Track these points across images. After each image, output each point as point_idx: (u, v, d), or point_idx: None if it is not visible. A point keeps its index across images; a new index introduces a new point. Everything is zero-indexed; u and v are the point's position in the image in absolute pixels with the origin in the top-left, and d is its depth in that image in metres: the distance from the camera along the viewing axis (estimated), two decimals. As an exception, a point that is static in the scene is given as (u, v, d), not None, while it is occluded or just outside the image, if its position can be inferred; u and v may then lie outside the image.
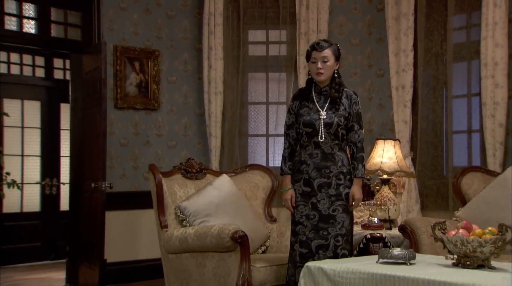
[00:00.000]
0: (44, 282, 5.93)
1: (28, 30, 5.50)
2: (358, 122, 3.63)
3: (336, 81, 3.64)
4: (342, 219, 3.56)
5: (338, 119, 3.58)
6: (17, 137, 7.10)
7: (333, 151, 3.60)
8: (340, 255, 3.54)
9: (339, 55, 3.68)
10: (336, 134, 3.59)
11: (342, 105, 3.61)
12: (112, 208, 5.33)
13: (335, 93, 3.60)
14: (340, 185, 3.58)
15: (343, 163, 3.60)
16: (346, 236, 3.57)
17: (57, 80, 7.47)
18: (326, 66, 3.60)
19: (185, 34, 6.11)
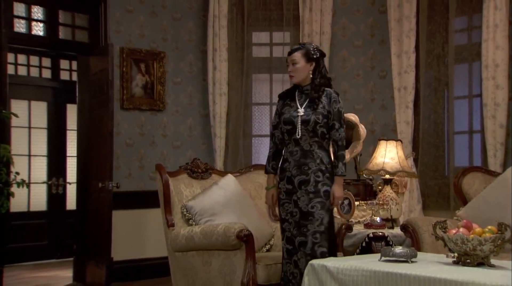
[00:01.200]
0: (51, 280, 6.02)
1: (37, 32, 5.59)
2: (339, 121, 3.62)
3: (316, 82, 3.66)
4: (320, 216, 3.54)
5: (316, 116, 3.59)
6: (24, 137, 7.20)
7: (312, 148, 3.60)
8: (318, 253, 3.52)
9: (311, 56, 3.66)
10: (315, 131, 3.59)
11: (321, 104, 3.61)
12: (119, 207, 5.41)
13: (314, 93, 3.63)
14: (319, 182, 3.57)
15: (322, 160, 3.59)
16: (324, 233, 3.55)
17: (64, 81, 7.56)
18: (295, 68, 3.66)
19: (190, 36, 6.20)
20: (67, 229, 7.25)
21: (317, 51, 3.71)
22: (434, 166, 5.67)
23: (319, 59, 3.70)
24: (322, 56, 3.74)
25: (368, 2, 6.14)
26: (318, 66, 3.69)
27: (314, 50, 3.71)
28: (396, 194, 4.95)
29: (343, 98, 6.11)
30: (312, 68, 3.68)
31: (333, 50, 6.11)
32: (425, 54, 5.67)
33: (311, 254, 3.52)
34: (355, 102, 6.14)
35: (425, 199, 5.61)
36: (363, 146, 5.35)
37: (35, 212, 7.28)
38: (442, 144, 5.65)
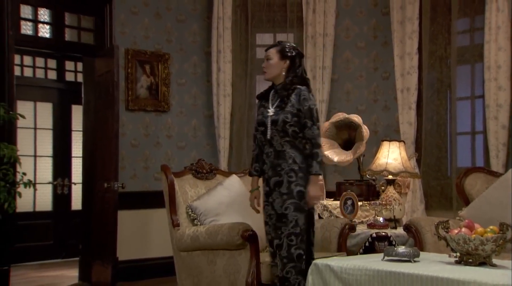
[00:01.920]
0: (57, 279, 6.06)
1: (43, 34, 5.65)
2: (310, 119, 3.52)
3: (287, 80, 3.61)
4: (294, 218, 3.47)
5: (284, 115, 3.52)
6: (30, 138, 7.25)
7: (284, 149, 3.54)
8: (295, 255, 3.46)
9: (285, 54, 3.62)
10: (285, 131, 3.52)
11: (290, 102, 3.53)
12: (124, 207, 5.45)
13: (283, 92, 3.58)
14: (292, 182, 3.50)
15: (294, 160, 3.51)
16: (300, 235, 3.47)
17: (69, 82, 7.61)
18: (269, 64, 3.64)
19: (194, 38, 6.25)
20: (72, 229, 7.31)
21: (292, 50, 3.66)
22: (437, 166, 5.71)
23: (294, 57, 3.64)
24: (298, 56, 3.66)
25: (371, 4, 6.18)
26: (293, 65, 3.63)
27: (290, 48, 3.66)
28: (399, 195, 4.98)
29: (346, 99, 6.20)
30: (286, 66, 3.63)
31: (336, 52, 6.15)
32: (428, 56, 5.70)
33: (288, 256, 3.47)
34: (358, 103, 6.18)
35: (427, 199, 5.65)
36: (366, 146, 5.38)
37: (40, 212, 7.32)
38: (444, 145, 5.69)
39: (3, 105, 4.69)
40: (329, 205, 5.33)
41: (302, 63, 3.69)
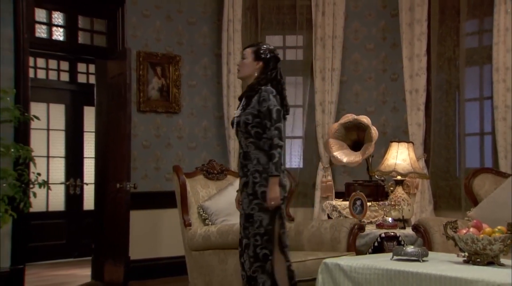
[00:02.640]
0: (70, 278, 6.14)
1: (57, 37, 5.74)
2: (269, 120, 3.49)
3: (255, 81, 3.63)
4: (259, 218, 3.50)
5: (245, 117, 3.54)
6: (43, 139, 7.35)
7: (249, 150, 3.56)
8: (260, 255, 3.49)
9: (260, 55, 3.64)
10: (248, 132, 3.55)
11: (252, 103, 3.56)
12: (135, 207, 5.52)
13: (249, 93, 3.62)
14: (256, 183, 3.52)
15: (258, 161, 3.53)
16: (266, 235, 3.50)
17: (81, 84, 7.71)
18: (243, 63, 3.69)
19: (204, 40, 6.32)
20: (84, 229, 7.40)
21: (268, 52, 3.66)
22: (445, 167, 5.74)
23: (268, 60, 3.64)
24: (273, 59, 3.66)
25: (380, 6, 6.23)
26: (266, 67, 3.63)
27: (265, 50, 3.66)
28: (408, 195, 5.01)
29: (355, 100, 6.25)
30: (259, 67, 3.64)
31: (345, 53, 6.21)
32: (437, 57, 5.74)
33: (254, 256, 3.51)
34: (367, 104, 6.23)
35: (436, 200, 5.68)
36: (375, 147, 5.41)
37: (53, 212, 7.42)
38: (453, 146, 5.72)
39: (19, 107, 4.79)
40: (338, 205, 5.38)
41: (278, 67, 3.67)
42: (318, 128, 6.16)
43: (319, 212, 6.05)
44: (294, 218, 4.82)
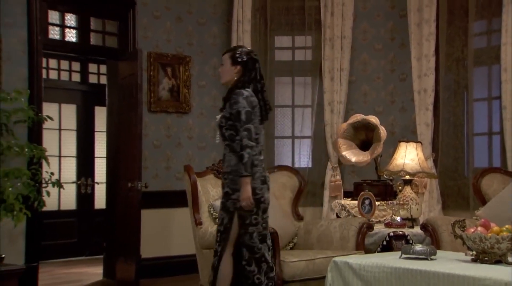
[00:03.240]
0: (82, 276, 6.21)
1: (70, 38, 5.82)
2: (239, 122, 3.54)
3: (233, 85, 3.71)
4: (221, 216, 3.66)
5: (220, 120, 3.65)
6: (55, 139, 7.43)
7: (225, 152, 3.70)
8: (218, 251, 3.65)
9: (236, 59, 3.70)
10: (223, 134, 3.66)
11: (226, 106, 3.66)
12: (146, 206, 5.59)
13: (226, 96, 3.70)
14: (225, 185, 3.66)
15: (229, 163, 3.63)
16: (224, 233, 3.63)
17: (92, 85, 7.79)
18: (222, 69, 3.78)
19: (214, 41, 6.38)
20: (95, 227, 7.48)
21: (244, 55, 3.71)
22: (454, 167, 5.77)
23: (245, 63, 3.69)
24: (251, 61, 3.71)
25: (388, 7, 6.26)
26: (245, 70, 3.68)
27: (241, 54, 3.71)
28: (416, 194, 5.03)
29: (364, 100, 6.29)
30: (238, 71, 3.69)
31: (354, 54, 6.25)
32: (445, 57, 5.77)
33: (215, 251, 3.69)
34: (376, 104, 6.27)
35: (444, 199, 5.71)
36: (383, 147, 5.45)
37: (65, 211, 7.51)
38: (461, 146, 5.75)
39: (33, 108, 4.87)
40: (347, 204, 5.42)
41: (256, 67, 3.72)
42: (327, 128, 6.21)
43: (327, 212, 6.09)
44: (303, 217, 4.87)
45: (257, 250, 3.62)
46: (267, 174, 3.70)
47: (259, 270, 3.61)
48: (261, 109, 3.68)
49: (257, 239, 3.62)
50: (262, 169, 3.64)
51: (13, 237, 4.92)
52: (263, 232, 3.65)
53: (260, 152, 3.67)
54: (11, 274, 3.60)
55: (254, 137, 3.54)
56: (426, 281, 2.95)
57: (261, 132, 3.69)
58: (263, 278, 3.60)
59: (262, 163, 3.66)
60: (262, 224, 3.64)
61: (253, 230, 3.61)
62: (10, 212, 4.53)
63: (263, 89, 3.73)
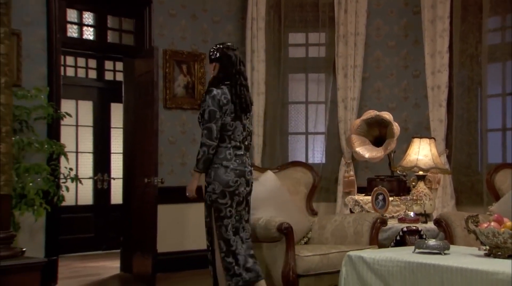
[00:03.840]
0: (100, 270, 6.31)
1: (87, 36, 5.92)
2: (202, 120, 3.79)
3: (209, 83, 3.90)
4: (204, 211, 3.86)
5: (197, 117, 3.89)
6: (72, 135, 7.54)
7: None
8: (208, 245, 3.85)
9: (210, 57, 3.86)
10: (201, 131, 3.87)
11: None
12: (162, 201, 5.66)
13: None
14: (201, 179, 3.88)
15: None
16: (207, 228, 3.85)
17: (108, 81, 7.89)
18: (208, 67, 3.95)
19: (229, 38, 6.42)
20: (111, 222, 7.59)
21: (216, 52, 3.83)
22: (467, 163, 5.80)
23: (219, 59, 3.81)
24: (223, 56, 3.82)
25: (402, 3, 6.28)
26: (222, 65, 3.82)
27: (214, 51, 3.85)
28: (430, 190, 5.06)
29: (377, 97, 6.33)
30: (216, 68, 3.84)
31: (368, 51, 6.28)
32: (459, 54, 5.79)
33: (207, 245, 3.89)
34: (389, 100, 6.30)
35: (458, 195, 5.74)
36: (396, 143, 5.47)
37: (82, 206, 7.63)
38: (475, 142, 5.77)
39: (52, 105, 4.98)
40: (360, 200, 5.46)
41: (233, 62, 3.81)
42: (340, 124, 6.25)
43: (341, 207, 6.14)
44: (317, 212, 4.92)
45: (232, 243, 3.77)
46: (247, 168, 3.84)
47: (237, 262, 3.76)
48: (235, 105, 3.76)
49: (231, 232, 3.77)
50: (238, 163, 3.78)
51: (33, 231, 5.04)
52: (236, 224, 3.79)
53: (239, 147, 3.81)
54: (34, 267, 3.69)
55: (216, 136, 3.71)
56: (439, 275, 2.97)
57: (238, 128, 3.79)
58: (242, 269, 3.75)
59: (239, 158, 3.79)
60: (235, 216, 3.79)
61: (228, 223, 3.77)
62: (31, 207, 4.64)
63: (241, 84, 3.81)
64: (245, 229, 3.85)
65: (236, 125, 3.78)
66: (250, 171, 3.86)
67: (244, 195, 3.81)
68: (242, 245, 3.78)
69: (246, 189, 3.82)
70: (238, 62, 3.84)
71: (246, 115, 3.85)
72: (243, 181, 3.78)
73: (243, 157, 3.82)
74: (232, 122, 3.76)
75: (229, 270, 3.75)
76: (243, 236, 3.82)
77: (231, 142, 3.77)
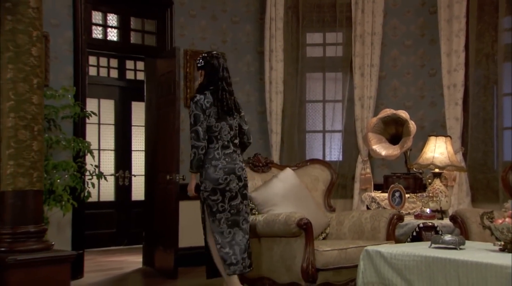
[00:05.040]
0: (123, 264, 6.48)
1: (111, 37, 6.08)
2: (190, 123, 4.08)
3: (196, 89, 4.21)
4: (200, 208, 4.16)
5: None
6: (95, 133, 7.73)
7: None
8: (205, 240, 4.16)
9: (197, 66, 4.19)
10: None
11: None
12: (184, 198, 5.78)
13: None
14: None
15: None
16: (203, 222, 4.17)
17: (129, 80, 8.06)
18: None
19: (248, 38, 6.57)
20: (132, 218, 7.76)
21: (201, 60, 4.14)
22: (483, 160, 5.85)
23: (204, 67, 4.13)
24: (207, 64, 4.12)
25: (419, 3, 6.36)
26: (207, 72, 4.13)
27: (199, 60, 4.16)
28: (446, 187, 5.11)
29: (394, 95, 6.42)
30: (202, 75, 4.17)
31: (384, 50, 6.37)
32: (475, 53, 5.84)
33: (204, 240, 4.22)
34: (405, 99, 6.38)
35: (474, 192, 5.79)
36: (413, 141, 5.53)
37: (104, 202, 7.80)
38: (490, 140, 5.82)
39: (79, 104, 5.15)
40: (377, 197, 5.54)
41: (216, 68, 4.11)
42: (357, 122, 6.35)
43: (358, 204, 6.24)
44: (335, 209, 5.02)
45: (227, 235, 4.07)
46: (237, 165, 4.11)
47: (234, 251, 4.05)
48: (218, 108, 4.05)
49: (225, 224, 4.08)
50: (227, 161, 4.07)
51: (61, 226, 5.22)
52: (231, 217, 4.09)
53: (227, 146, 4.10)
54: (65, 259, 3.86)
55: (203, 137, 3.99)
56: (455, 269, 3.05)
57: (223, 128, 4.09)
58: (239, 257, 4.05)
59: (228, 156, 4.09)
60: (230, 210, 4.09)
61: (221, 217, 4.07)
62: (59, 203, 4.82)
63: (223, 89, 4.12)
64: (248, 221, 4.17)
65: (222, 125, 4.09)
66: (241, 167, 4.14)
67: (237, 190, 4.11)
68: (245, 236, 4.11)
69: (238, 184, 4.12)
70: (222, 69, 4.15)
71: (233, 116, 4.16)
72: (233, 178, 4.08)
73: (233, 154, 4.12)
74: (218, 123, 4.07)
75: (226, 260, 4.06)
76: (245, 227, 4.14)
77: (218, 142, 4.08)
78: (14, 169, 3.75)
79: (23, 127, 3.77)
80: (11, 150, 3.76)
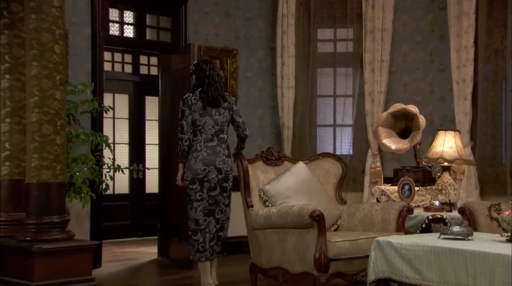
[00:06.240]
0: (138, 255, 6.64)
1: (127, 34, 6.21)
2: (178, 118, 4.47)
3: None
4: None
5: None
6: (110, 127, 7.86)
7: None
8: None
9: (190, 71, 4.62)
10: None
11: None
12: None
13: None
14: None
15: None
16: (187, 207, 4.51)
17: (143, 75, 8.18)
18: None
19: (260, 34, 6.69)
20: (146, 210, 7.91)
21: (193, 67, 4.58)
22: (492, 154, 5.92)
23: (194, 72, 4.54)
24: (197, 69, 4.53)
25: (428, 0, 6.43)
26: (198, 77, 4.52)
27: (191, 67, 4.61)
28: (454, 181, 5.17)
29: (404, 91, 6.52)
30: (195, 79, 4.55)
31: (394, 46, 6.45)
32: (484, 49, 5.90)
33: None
34: (415, 94, 6.47)
35: (482, 185, 5.86)
36: (422, 135, 5.58)
37: (119, 194, 7.94)
38: (499, 134, 5.90)
39: (97, 99, 5.30)
40: (386, 190, 5.62)
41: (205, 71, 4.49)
42: (367, 117, 6.44)
43: (368, 197, 6.34)
44: (346, 201, 5.12)
45: (201, 223, 4.40)
46: (219, 158, 4.45)
47: (204, 239, 4.38)
48: (203, 100, 4.41)
49: (201, 213, 4.41)
50: (208, 153, 4.41)
51: (80, 217, 5.38)
52: (209, 207, 4.42)
53: (210, 139, 4.44)
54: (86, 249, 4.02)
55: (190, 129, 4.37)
56: (463, 259, 3.13)
57: (207, 122, 4.43)
58: (207, 246, 4.39)
59: (210, 149, 4.43)
60: (208, 200, 4.42)
61: (198, 205, 4.42)
62: (78, 195, 4.98)
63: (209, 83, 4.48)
64: (224, 212, 4.49)
65: (206, 120, 4.43)
66: (222, 160, 4.47)
67: (216, 182, 4.42)
68: (216, 226, 4.44)
69: (217, 177, 4.43)
70: (209, 68, 4.52)
71: (220, 112, 4.45)
72: (212, 169, 4.39)
73: (216, 148, 4.44)
74: (202, 118, 4.42)
75: (194, 246, 4.41)
76: (220, 218, 4.47)
77: (202, 135, 4.42)
78: (39, 162, 3.91)
79: (46, 122, 3.92)
80: (36, 144, 3.92)
